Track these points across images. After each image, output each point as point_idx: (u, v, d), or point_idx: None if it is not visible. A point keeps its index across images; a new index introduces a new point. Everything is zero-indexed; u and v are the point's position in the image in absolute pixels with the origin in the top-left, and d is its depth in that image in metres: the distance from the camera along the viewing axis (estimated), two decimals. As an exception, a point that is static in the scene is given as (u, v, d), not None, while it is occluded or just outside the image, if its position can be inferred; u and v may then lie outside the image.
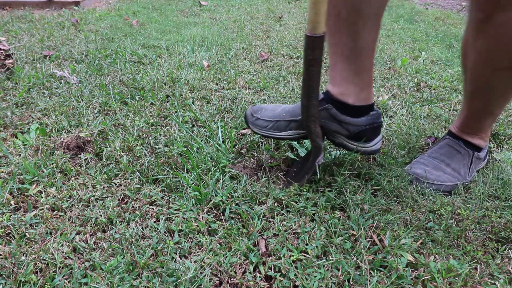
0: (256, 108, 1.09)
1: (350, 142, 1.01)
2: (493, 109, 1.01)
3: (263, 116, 1.06)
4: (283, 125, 1.03)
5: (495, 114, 1.03)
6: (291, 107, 1.05)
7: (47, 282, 0.73)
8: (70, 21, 2.62)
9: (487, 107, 1.01)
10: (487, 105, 1.01)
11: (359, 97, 0.96)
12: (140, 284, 0.73)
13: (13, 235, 0.84)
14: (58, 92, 1.52)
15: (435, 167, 1.06)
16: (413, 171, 1.05)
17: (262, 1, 3.70)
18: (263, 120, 1.05)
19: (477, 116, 1.05)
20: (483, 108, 1.02)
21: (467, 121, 1.08)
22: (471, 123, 1.08)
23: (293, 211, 0.92)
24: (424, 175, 1.02)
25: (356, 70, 0.95)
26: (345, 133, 0.99)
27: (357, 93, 0.96)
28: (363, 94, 0.97)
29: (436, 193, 0.99)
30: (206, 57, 2.00)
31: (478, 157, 1.09)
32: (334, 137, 1.02)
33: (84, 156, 1.11)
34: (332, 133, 1.01)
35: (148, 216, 0.91)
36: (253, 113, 1.08)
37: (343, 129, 0.99)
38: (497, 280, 0.76)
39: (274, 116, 1.05)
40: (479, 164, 1.10)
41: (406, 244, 0.82)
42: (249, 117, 1.08)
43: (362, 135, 0.99)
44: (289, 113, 1.04)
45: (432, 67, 1.99)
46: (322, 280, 0.74)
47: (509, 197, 0.97)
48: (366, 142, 1.00)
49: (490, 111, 1.02)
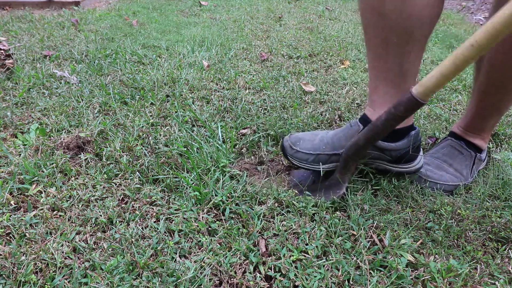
0: (294, 139, 1.05)
1: (393, 166, 0.99)
2: (502, 106, 1.02)
3: (303, 148, 1.02)
4: (324, 159, 1.00)
5: (502, 112, 1.05)
6: (330, 138, 1.02)
7: (47, 282, 0.73)
8: (70, 21, 2.62)
9: (497, 104, 1.02)
10: (498, 101, 1.02)
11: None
12: (140, 284, 0.73)
13: (13, 235, 0.84)
14: (58, 92, 1.52)
15: (437, 166, 1.06)
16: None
17: (262, 1, 3.70)
18: (303, 153, 1.01)
19: (485, 114, 1.06)
20: (493, 105, 1.03)
21: (473, 120, 1.09)
22: (477, 122, 1.08)
23: (293, 211, 0.92)
24: (426, 174, 1.02)
25: (399, 93, 0.91)
26: (387, 159, 0.97)
27: None
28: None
29: (438, 192, 0.99)
30: (206, 57, 2.00)
31: (480, 159, 1.09)
32: (374, 164, 1.00)
33: (84, 156, 1.11)
34: (372, 160, 0.99)
35: (148, 216, 0.91)
36: (292, 145, 1.03)
37: (385, 155, 0.97)
38: (497, 280, 0.76)
39: (314, 148, 1.01)
40: (479, 165, 1.10)
41: (406, 244, 0.82)
42: (288, 149, 1.04)
43: (404, 157, 0.97)
44: (329, 145, 1.00)
45: (432, 67, 1.99)
46: (322, 280, 0.74)
47: (509, 197, 0.97)
48: (409, 162, 0.98)
49: (498, 109, 1.03)
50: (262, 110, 1.44)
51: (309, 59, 2.08)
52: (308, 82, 1.72)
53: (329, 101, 1.54)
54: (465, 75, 1.85)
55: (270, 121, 1.32)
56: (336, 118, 1.39)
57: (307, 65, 1.98)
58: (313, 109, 1.45)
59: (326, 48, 2.24)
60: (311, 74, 1.84)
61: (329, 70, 1.92)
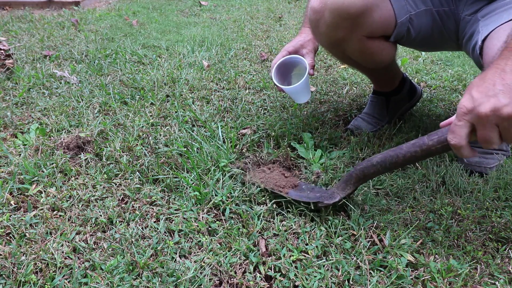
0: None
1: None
2: None
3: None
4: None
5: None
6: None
7: (47, 282, 0.73)
8: (70, 21, 2.62)
9: None
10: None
11: None
12: (140, 284, 0.72)
13: (13, 235, 0.84)
14: (58, 92, 1.52)
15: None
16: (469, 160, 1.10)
17: (262, 1, 3.70)
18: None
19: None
20: None
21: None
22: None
23: (293, 211, 0.92)
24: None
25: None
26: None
27: None
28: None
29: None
30: (206, 57, 2.00)
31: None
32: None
33: (84, 156, 1.11)
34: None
35: (148, 216, 0.91)
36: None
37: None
38: (497, 280, 0.76)
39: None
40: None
41: (406, 244, 0.82)
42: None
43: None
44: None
45: (432, 67, 1.99)
46: (322, 280, 0.74)
47: (510, 197, 0.97)
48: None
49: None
50: (262, 110, 1.44)
51: (309, 59, 2.08)
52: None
53: (329, 101, 1.54)
54: (465, 75, 1.85)
55: (270, 121, 1.32)
56: (339, 121, 1.39)
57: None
58: (313, 109, 1.45)
59: (326, 48, 2.24)
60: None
61: (329, 70, 1.92)
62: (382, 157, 0.83)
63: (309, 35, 1.19)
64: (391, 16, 1.02)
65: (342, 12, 0.95)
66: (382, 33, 1.05)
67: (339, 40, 1.03)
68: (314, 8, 1.00)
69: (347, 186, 0.89)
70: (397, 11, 1.01)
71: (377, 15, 0.99)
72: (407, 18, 1.03)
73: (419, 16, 1.05)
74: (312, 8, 1.01)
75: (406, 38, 1.08)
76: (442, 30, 1.09)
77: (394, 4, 1.01)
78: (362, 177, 0.87)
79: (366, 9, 0.96)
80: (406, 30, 1.05)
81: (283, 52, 1.17)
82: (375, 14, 0.98)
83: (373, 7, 0.97)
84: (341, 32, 1.01)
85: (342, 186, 0.90)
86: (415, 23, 1.05)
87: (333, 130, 1.29)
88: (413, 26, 1.06)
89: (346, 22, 0.97)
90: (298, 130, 1.27)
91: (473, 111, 0.67)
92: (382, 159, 0.83)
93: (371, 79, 1.40)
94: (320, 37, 1.08)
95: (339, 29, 1.00)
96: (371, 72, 1.32)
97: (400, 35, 1.06)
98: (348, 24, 0.98)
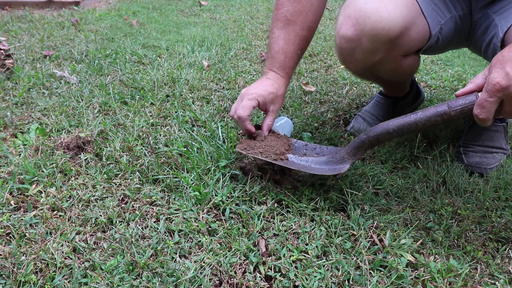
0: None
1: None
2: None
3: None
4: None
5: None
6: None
7: (47, 282, 0.73)
8: (70, 21, 2.62)
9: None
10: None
11: None
12: (140, 284, 0.72)
13: (13, 235, 0.84)
14: (58, 92, 1.52)
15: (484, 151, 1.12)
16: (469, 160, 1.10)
17: (262, 1, 3.70)
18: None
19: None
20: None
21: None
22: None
23: (293, 211, 0.92)
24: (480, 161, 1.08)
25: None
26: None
27: None
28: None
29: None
30: (206, 57, 2.00)
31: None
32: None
33: (84, 156, 1.11)
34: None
35: (148, 216, 0.91)
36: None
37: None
38: (497, 280, 0.76)
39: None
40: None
41: (406, 244, 0.82)
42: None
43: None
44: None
45: (432, 67, 1.99)
46: (322, 280, 0.74)
47: (510, 197, 0.97)
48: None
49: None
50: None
51: (309, 59, 2.08)
52: (308, 82, 1.72)
53: (329, 101, 1.54)
54: (465, 75, 1.85)
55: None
56: (338, 120, 1.39)
57: (307, 65, 1.98)
58: (313, 109, 1.45)
59: (326, 48, 2.24)
60: (311, 74, 1.84)
61: (329, 70, 1.92)
62: (399, 124, 0.80)
63: (282, 87, 1.05)
64: (426, 30, 0.98)
65: (383, 37, 0.90)
66: (417, 48, 1.02)
67: (374, 63, 0.99)
68: (348, 37, 0.94)
69: (359, 152, 0.87)
70: (431, 24, 0.98)
71: (414, 33, 0.95)
72: (438, 29, 1.00)
73: (446, 25, 1.02)
74: (345, 37, 0.94)
75: (433, 47, 1.05)
76: (461, 33, 1.07)
77: (428, 18, 0.97)
78: (375, 143, 0.85)
79: (405, 29, 0.92)
80: (435, 40, 1.02)
81: (252, 101, 0.99)
82: (412, 32, 0.95)
83: (411, 25, 0.93)
84: (379, 56, 0.96)
85: (353, 151, 0.87)
86: (443, 31, 1.02)
87: (333, 130, 1.29)
88: (442, 35, 1.02)
89: (386, 45, 0.93)
90: (298, 130, 1.27)
91: (508, 89, 0.65)
92: (399, 127, 0.80)
93: (383, 86, 1.35)
94: (354, 64, 1.02)
95: (377, 53, 0.95)
96: (388, 82, 1.27)
97: (430, 46, 1.03)
98: (387, 47, 0.94)
